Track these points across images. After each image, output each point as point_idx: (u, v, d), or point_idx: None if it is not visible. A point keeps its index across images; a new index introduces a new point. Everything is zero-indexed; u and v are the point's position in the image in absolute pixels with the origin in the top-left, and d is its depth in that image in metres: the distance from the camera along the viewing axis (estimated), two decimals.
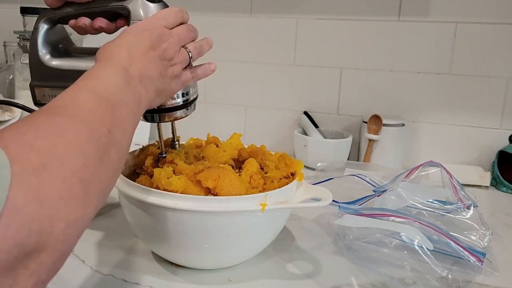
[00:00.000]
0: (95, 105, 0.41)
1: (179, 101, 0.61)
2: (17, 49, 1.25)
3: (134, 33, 0.52)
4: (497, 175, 1.00)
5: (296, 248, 0.69)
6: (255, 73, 1.21)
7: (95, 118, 0.39)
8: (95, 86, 0.43)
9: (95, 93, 0.42)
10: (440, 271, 0.60)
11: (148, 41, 0.52)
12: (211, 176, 0.57)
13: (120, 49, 0.50)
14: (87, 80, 0.44)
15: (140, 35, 0.52)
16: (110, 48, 0.50)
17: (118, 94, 0.44)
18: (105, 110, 0.41)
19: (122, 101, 0.44)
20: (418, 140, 1.11)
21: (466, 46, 1.05)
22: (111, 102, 0.43)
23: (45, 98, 0.63)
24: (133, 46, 0.50)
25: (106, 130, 0.39)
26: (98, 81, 0.44)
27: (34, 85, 0.63)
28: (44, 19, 0.62)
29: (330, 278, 0.60)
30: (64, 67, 0.62)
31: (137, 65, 0.49)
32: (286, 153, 0.69)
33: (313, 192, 0.63)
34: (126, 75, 0.47)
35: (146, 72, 0.50)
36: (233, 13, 1.19)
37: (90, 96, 0.41)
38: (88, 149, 0.36)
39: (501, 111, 1.05)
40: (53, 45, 0.64)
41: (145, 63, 0.50)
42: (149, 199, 0.55)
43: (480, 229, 0.70)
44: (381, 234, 0.66)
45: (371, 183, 0.90)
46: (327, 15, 1.13)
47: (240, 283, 0.59)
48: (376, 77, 1.12)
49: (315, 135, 1.11)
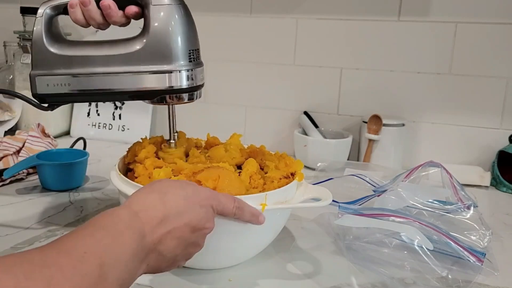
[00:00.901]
0: (85, 267, 0.37)
1: (196, 83, 0.61)
2: (17, 49, 1.25)
3: (187, 200, 0.49)
4: (497, 175, 1.00)
5: (296, 248, 0.69)
6: (255, 73, 1.21)
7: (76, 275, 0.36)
8: (106, 250, 0.39)
9: (101, 266, 0.38)
10: (440, 271, 0.60)
11: (193, 217, 0.48)
12: (211, 176, 0.57)
13: (160, 209, 0.46)
14: (104, 233, 0.41)
15: (189, 206, 0.48)
16: (152, 200, 0.47)
17: (120, 269, 0.40)
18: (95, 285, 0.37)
19: (120, 278, 0.40)
20: (418, 140, 1.11)
21: (466, 46, 1.05)
22: (108, 280, 0.38)
23: (48, 87, 0.62)
24: (171, 214, 0.47)
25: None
26: (113, 241, 0.41)
27: (36, 74, 0.62)
28: (48, 7, 0.61)
29: (330, 278, 0.60)
30: (68, 54, 0.61)
31: (159, 237, 0.45)
32: (286, 153, 0.69)
33: (313, 192, 0.63)
34: (139, 247, 0.43)
35: (162, 249, 0.46)
36: (233, 13, 1.19)
37: (95, 269, 0.37)
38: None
39: (501, 111, 1.05)
40: (56, 33, 0.63)
41: (168, 240, 0.46)
42: None
43: (480, 229, 0.70)
44: (381, 234, 0.66)
45: (371, 183, 0.90)
46: (327, 15, 1.13)
47: (240, 283, 0.59)
48: (376, 77, 1.12)
49: (315, 135, 1.11)
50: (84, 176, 0.91)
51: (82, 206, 0.81)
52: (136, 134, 1.13)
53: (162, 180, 0.52)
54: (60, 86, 0.61)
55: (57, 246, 0.38)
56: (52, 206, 0.80)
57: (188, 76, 0.60)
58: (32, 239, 0.67)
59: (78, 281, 0.35)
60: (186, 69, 0.60)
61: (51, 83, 0.61)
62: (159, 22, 0.59)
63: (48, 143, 0.99)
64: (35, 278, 0.33)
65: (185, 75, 0.60)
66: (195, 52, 0.62)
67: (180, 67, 0.60)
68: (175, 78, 0.60)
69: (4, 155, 0.91)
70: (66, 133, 1.31)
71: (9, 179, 0.88)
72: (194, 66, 0.61)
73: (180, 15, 0.60)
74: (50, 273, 0.34)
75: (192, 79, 0.61)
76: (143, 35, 0.60)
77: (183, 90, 0.61)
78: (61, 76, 0.61)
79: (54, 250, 0.37)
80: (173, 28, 0.59)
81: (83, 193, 0.86)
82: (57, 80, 0.61)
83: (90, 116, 1.29)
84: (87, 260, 0.37)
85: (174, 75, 0.59)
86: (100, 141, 1.22)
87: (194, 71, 0.61)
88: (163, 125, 1.29)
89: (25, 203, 0.81)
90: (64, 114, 1.30)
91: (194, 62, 0.62)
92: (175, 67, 0.59)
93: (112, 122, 1.27)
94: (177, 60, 0.59)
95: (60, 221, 0.74)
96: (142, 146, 0.66)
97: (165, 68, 0.59)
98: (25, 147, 0.95)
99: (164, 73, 0.59)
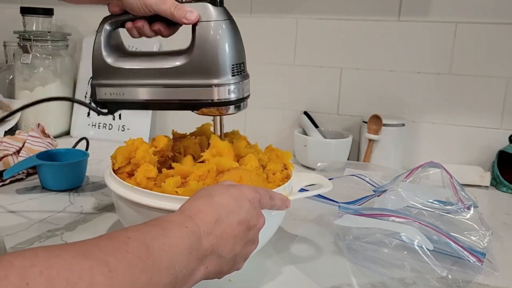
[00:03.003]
0: (137, 261, 0.37)
1: (237, 96, 0.64)
2: (17, 49, 1.25)
3: (235, 199, 0.49)
4: (497, 175, 1.00)
5: (296, 248, 0.69)
6: (255, 73, 1.20)
7: (126, 274, 0.35)
8: (153, 238, 0.40)
9: (148, 247, 0.38)
10: (440, 271, 0.60)
11: (245, 214, 0.49)
12: (233, 178, 0.58)
13: (211, 212, 0.47)
14: (152, 227, 0.41)
15: (238, 204, 0.49)
16: (202, 205, 0.47)
17: (172, 259, 0.40)
18: (145, 271, 0.37)
19: (171, 268, 0.40)
20: (418, 140, 1.11)
21: (466, 46, 1.05)
22: (159, 265, 0.38)
23: (106, 96, 0.66)
24: (223, 214, 0.47)
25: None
26: (162, 234, 0.41)
27: (95, 84, 0.66)
28: (108, 23, 0.66)
29: (330, 278, 0.60)
30: (121, 66, 0.65)
31: (215, 238, 0.46)
32: (272, 145, 0.71)
33: (306, 180, 0.69)
34: (194, 245, 0.43)
35: (220, 250, 0.46)
36: (233, 13, 1.18)
37: (140, 248, 0.38)
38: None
39: (501, 111, 1.05)
40: (113, 47, 0.67)
41: (225, 241, 0.46)
42: (150, 203, 0.56)
43: (480, 229, 0.70)
44: (381, 234, 0.66)
45: (371, 183, 0.90)
46: (327, 15, 1.13)
47: (240, 283, 0.59)
48: (376, 77, 1.12)
49: (315, 135, 1.11)
50: (84, 176, 0.91)
51: (82, 206, 0.80)
52: (136, 134, 1.12)
53: (203, 188, 0.53)
54: (116, 95, 0.66)
55: (100, 236, 0.39)
56: (52, 206, 0.80)
57: (232, 89, 0.63)
58: (32, 239, 0.67)
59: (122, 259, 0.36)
60: (232, 83, 0.63)
61: (108, 92, 0.66)
62: (203, 39, 0.61)
63: (48, 143, 0.99)
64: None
65: (231, 88, 0.63)
66: (240, 65, 0.64)
67: (226, 81, 0.62)
68: (218, 91, 0.62)
69: (4, 155, 0.91)
70: (66, 133, 1.31)
71: (9, 179, 0.88)
72: (240, 79, 0.64)
73: (224, 31, 0.62)
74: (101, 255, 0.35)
75: (237, 92, 0.64)
76: (190, 50, 0.62)
77: (229, 102, 0.64)
78: (116, 87, 0.65)
79: (97, 238, 0.38)
80: (218, 45, 0.61)
81: (83, 193, 0.86)
82: (113, 89, 0.66)
83: (90, 116, 1.29)
84: (131, 242, 0.38)
85: (219, 88, 0.62)
86: (100, 141, 1.21)
87: (241, 84, 0.64)
88: (163, 125, 1.29)
89: (25, 203, 0.81)
90: (64, 114, 1.30)
91: (240, 75, 0.64)
92: (221, 81, 0.62)
93: (112, 122, 1.27)
94: (223, 75, 0.62)
95: (60, 221, 0.74)
96: (134, 147, 0.65)
97: (210, 82, 0.62)
98: (25, 147, 0.95)
99: (209, 87, 0.62)
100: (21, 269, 0.30)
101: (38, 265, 0.31)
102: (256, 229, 0.51)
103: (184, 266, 0.41)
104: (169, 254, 0.40)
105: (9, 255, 0.32)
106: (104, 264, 0.34)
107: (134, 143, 0.66)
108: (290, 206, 0.59)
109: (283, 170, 0.67)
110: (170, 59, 0.63)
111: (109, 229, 0.72)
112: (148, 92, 0.64)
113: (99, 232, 0.71)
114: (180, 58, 0.63)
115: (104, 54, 0.65)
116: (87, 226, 0.73)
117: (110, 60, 0.66)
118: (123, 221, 0.64)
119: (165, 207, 0.55)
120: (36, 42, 1.22)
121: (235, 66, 0.63)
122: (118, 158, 0.65)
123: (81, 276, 0.32)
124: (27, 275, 0.30)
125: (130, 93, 0.65)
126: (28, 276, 0.30)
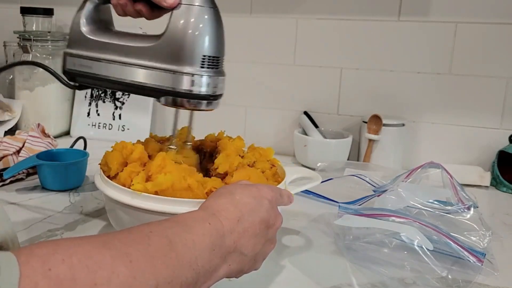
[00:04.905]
0: (159, 255, 0.37)
1: (204, 91, 0.60)
2: (17, 49, 1.25)
3: (255, 198, 0.49)
4: (497, 175, 1.00)
5: (296, 248, 0.69)
6: (255, 73, 1.21)
7: (147, 266, 0.35)
8: (175, 233, 0.40)
9: (170, 241, 0.38)
10: (440, 271, 0.60)
11: (265, 213, 0.49)
12: (243, 177, 0.59)
13: (233, 210, 0.47)
14: (174, 223, 0.41)
15: (259, 202, 0.49)
16: (224, 203, 0.48)
17: (195, 255, 0.40)
18: (167, 265, 0.37)
19: (193, 263, 0.40)
20: (418, 140, 1.11)
21: (466, 46, 1.05)
22: (181, 260, 0.39)
23: (74, 66, 0.65)
24: (245, 213, 0.47)
25: (152, 285, 0.35)
26: (185, 230, 0.41)
27: (67, 52, 0.66)
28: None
29: (330, 278, 0.60)
30: (95, 38, 0.64)
31: (238, 236, 0.46)
32: (254, 144, 0.72)
33: (294, 174, 0.70)
34: (217, 241, 0.43)
35: (243, 248, 0.46)
36: (233, 13, 1.19)
37: (162, 241, 0.38)
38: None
39: (501, 111, 1.05)
40: (96, 20, 0.66)
41: (247, 238, 0.47)
42: (148, 206, 0.56)
43: (480, 230, 0.70)
44: (381, 234, 0.66)
45: (371, 183, 0.90)
46: (327, 15, 1.13)
47: (240, 283, 0.59)
48: (376, 77, 1.12)
49: (315, 135, 1.11)
50: (84, 176, 0.91)
51: (82, 206, 0.80)
52: (136, 134, 1.13)
53: (223, 187, 0.53)
54: (84, 67, 0.64)
55: (119, 231, 0.39)
56: (52, 206, 0.80)
57: (198, 82, 0.59)
58: (32, 239, 0.67)
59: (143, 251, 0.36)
60: (198, 74, 0.58)
61: (77, 63, 0.65)
62: (178, 21, 0.58)
63: (48, 143, 0.99)
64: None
65: (197, 80, 0.59)
66: (214, 59, 0.60)
67: (193, 71, 0.58)
68: (182, 80, 0.58)
69: (4, 155, 0.91)
70: (66, 133, 1.31)
71: (9, 179, 0.88)
72: (212, 74, 0.60)
73: (203, 17, 0.59)
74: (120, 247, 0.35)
75: (206, 86, 0.60)
76: (164, 32, 0.59)
77: (193, 95, 0.59)
78: (84, 58, 0.64)
79: (115, 231, 0.38)
80: (191, 29, 0.58)
81: (83, 193, 0.86)
82: (82, 61, 0.64)
83: (90, 116, 1.29)
84: (153, 236, 0.38)
85: (183, 76, 0.58)
86: (100, 141, 1.21)
87: (211, 78, 0.60)
88: (163, 125, 1.29)
89: (25, 203, 0.81)
90: (64, 114, 1.30)
91: (213, 69, 0.60)
92: (188, 70, 0.58)
93: (112, 122, 1.27)
94: (191, 64, 0.58)
95: (60, 221, 0.74)
96: (129, 151, 0.63)
97: (175, 68, 0.58)
98: (25, 147, 0.95)
99: (173, 73, 0.58)
100: (43, 256, 0.31)
101: (60, 253, 0.32)
102: (274, 228, 0.51)
103: (207, 263, 0.42)
104: (192, 250, 0.40)
105: (31, 245, 0.32)
106: (125, 255, 0.35)
107: (127, 146, 0.64)
108: (293, 201, 0.59)
109: (272, 167, 0.68)
110: (143, 39, 0.61)
111: (109, 229, 0.72)
112: (114, 69, 0.62)
113: (99, 232, 0.71)
114: (152, 39, 0.60)
115: (81, 22, 0.64)
116: (87, 226, 0.73)
117: (85, 29, 0.65)
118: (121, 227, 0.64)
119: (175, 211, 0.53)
120: (36, 42, 1.22)
121: (206, 58, 0.59)
122: (113, 165, 0.62)
123: (101, 265, 0.33)
124: (50, 262, 0.31)
125: (97, 67, 0.63)
126: (50, 263, 0.31)
